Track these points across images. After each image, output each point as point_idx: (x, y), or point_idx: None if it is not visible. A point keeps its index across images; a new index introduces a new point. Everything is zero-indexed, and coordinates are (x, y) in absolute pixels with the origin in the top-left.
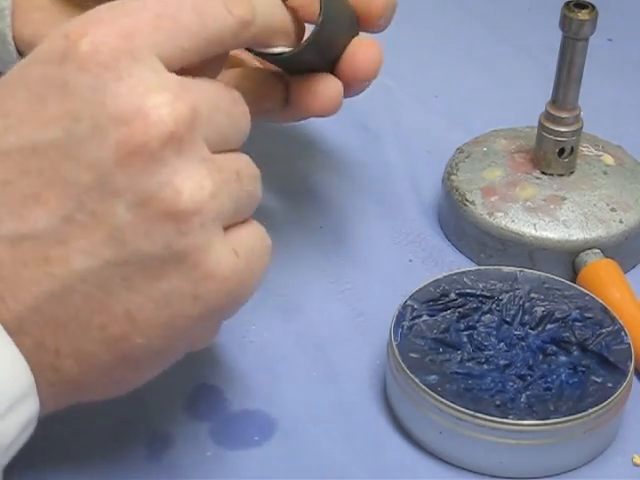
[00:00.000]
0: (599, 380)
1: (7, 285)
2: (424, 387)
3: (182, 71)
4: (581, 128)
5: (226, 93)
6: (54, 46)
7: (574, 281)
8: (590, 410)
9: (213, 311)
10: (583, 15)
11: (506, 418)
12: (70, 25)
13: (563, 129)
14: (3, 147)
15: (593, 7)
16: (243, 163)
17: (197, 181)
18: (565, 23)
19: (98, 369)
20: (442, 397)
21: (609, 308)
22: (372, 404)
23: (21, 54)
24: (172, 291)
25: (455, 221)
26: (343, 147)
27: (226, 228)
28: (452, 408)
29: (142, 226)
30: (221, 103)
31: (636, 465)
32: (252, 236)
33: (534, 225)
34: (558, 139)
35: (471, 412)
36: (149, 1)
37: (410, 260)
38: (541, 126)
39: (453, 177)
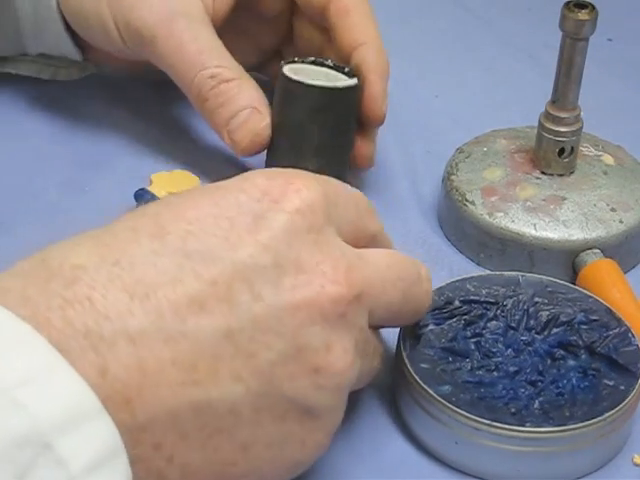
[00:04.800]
0: (611, 383)
1: (151, 380)
2: (439, 398)
3: None
4: (581, 128)
5: (409, 269)
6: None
7: (574, 281)
8: (606, 414)
9: (308, 461)
10: (583, 15)
11: (523, 426)
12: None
13: (563, 129)
14: (186, 248)
15: (593, 7)
16: (379, 339)
17: (344, 348)
18: (565, 23)
19: None
20: (458, 407)
21: (614, 310)
22: (381, 416)
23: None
24: (288, 434)
25: (455, 221)
26: None
27: None
28: (468, 418)
29: (289, 368)
30: (400, 282)
31: (636, 465)
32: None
33: (534, 225)
34: (558, 139)
35: (488, 421)
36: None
37: None
38: (541, 126)
39: (453, 177)
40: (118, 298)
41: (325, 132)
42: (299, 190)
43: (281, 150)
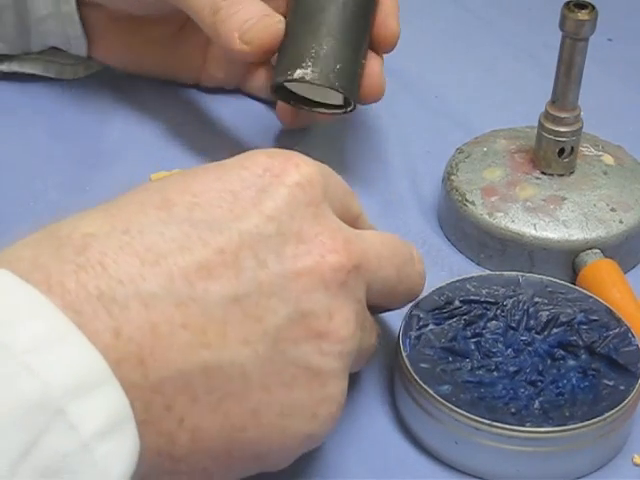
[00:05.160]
0: (611, 383)
1: (163, 343)
2: (439, 398)
3: None
4: (581, 128)
5: (402, 247)
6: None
7: (574, 281)
8: (606, 414)
9: (319, 435)
10: (583, 15)
11: (523, 426)
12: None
13: (563, 129)
14: (192, 218)
15: (593, 7)
16: (376, 320)
17: (346, 316)
18: (565, 23)
19: (203, 454)
20: (458, 407)
21: (614, 310)
22: (381, 416)
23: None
24: (298, 403)
25: (455, 221)
26: (343, 147)
27: None
28: (469, 418)
29: (294, 333)
30: (394, 259)
31: (636, 465)
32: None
33: (534, 225)
34: (558, 139)
35: (488, 421)
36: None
37: None
38: (541, 126)
39: (453, 177)
40: (129, 263)
41: (342, 14)
42: (298, 165)
43: (295, 33)
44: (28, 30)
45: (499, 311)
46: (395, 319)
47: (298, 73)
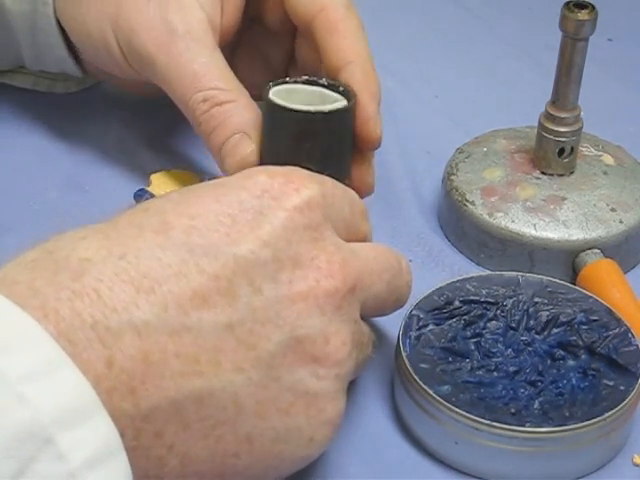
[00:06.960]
0: (611, 383)
1: (154, 372)
2: (438, 398)
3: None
4: (581, 128)
5: (392, 260)
6: (254, 192)
7: (574, 281)
8: (606, 414)
9: (315, 455)
10: (583, 15)
11: (523, 426)
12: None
13: (563, 129)
14: (190, 242)
15: (593, 7)
16: (369, 328)
17: (342, 339)
18: (565, 23)
19: (194, 477)
20: (457, 407)
21: (614, 310)
22: (381, 416)
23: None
24: (294, 428)
25: (455, 221)
26: None
27: None
28: (468, 418)
29: (289, 359)
30: (385, 274)
31: (636, 465)
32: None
33: (534, 225)
34: (558, 139)
35: (488, 421)
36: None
37: (410, 260)
38: (541, 126)
39: (453, 177)
40: (124, 291)
41: (314, 158)
42: (298, 189)
43: (269, 163)
44: (21, 57)
45: (499, 311)
46: (395, 319)
47: None
